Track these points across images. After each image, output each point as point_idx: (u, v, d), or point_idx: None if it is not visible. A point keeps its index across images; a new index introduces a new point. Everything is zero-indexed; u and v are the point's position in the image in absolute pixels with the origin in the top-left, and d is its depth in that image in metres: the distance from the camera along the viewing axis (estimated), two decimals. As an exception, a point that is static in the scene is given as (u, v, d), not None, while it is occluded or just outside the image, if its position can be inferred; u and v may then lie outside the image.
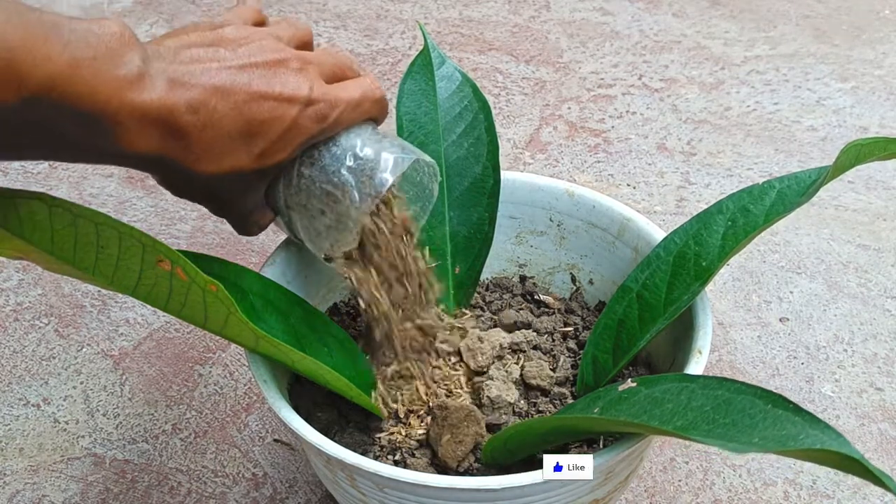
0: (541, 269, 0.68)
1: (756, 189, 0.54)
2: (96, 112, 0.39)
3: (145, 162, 0.43)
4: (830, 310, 0.79)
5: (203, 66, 0.44)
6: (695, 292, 0.53)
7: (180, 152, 0.44)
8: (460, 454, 0.52)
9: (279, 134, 0.46)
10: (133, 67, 0.40)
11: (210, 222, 0.89)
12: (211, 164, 0.45)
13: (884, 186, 0.93)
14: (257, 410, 0.71)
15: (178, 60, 0.43)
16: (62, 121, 0.39)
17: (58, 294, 0.82)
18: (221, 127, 0.44)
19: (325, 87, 0.48)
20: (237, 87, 0.44)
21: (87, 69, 0.38)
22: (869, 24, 1.20)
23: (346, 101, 0.49)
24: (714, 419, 0.42)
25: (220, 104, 0.44)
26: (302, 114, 0.47)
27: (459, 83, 0.63)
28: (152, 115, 0.41)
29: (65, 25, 0.38)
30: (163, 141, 0.42)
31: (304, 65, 0.48)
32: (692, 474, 0.66)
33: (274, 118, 0.46)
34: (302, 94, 0.47)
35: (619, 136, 1.01)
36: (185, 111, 0.42)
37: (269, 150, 0.47)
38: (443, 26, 1.22)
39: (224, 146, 0.45)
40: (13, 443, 0.69)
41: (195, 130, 0.43)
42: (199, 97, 0.43)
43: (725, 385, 0.43)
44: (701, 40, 1.18)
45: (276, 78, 0.46)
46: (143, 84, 0.41)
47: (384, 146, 0.51)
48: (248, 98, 0.45)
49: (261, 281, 0.54)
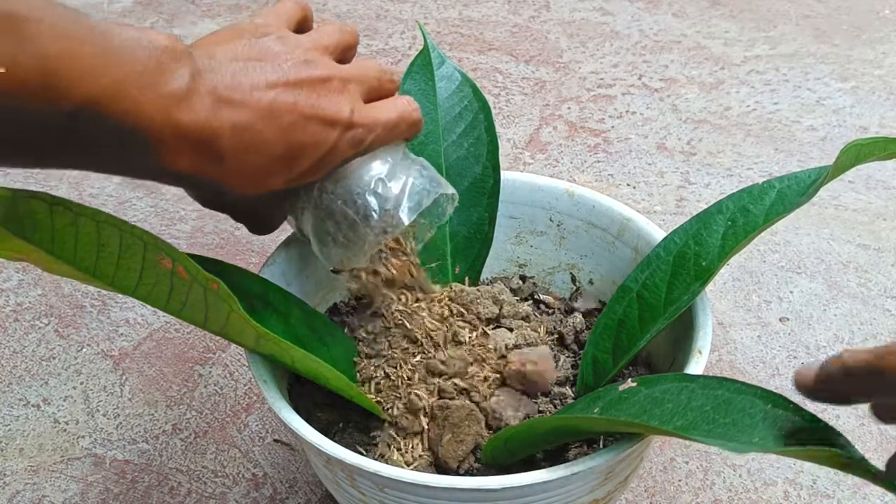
0: (541, 269, 0.68)
1: (756, 189, 0.54)
2: (140, 129, 0.38)
3: (180, 179, 0.43)
4: (830, 310, 0.79)
5: (251, 81, 0.43)
6: (695, 292, 0.53)
7: (218, 173, 0.43)
8: (461, 454, 0.52)
9: (319, 157, 0.46)
10: (182, 84, 0.39)
11: (210, 222, 0.89)
12: (248, 187, 0.44)
13: (884, 186, 0.93)
14: (257, 410, 0.71)
15: (227, 73, 0.42)
16: (103, 135, 0.38)
17: (58, 294, 0.82)
18: (264, 151, 0.43)
19: (365, 110, 0.47)
20: (284, 108, 0.43)
21: (133, 85, 0.37)
22: (869, 24, 1.20)
23: (382, 125, 0.48)
24: (714, 419, 0.42)
25: (265, 128, 0.43)
26: (341, 138, 0.46)
27: (459, 83, 0.63)
28: (195, 136, 0.40)
29: (115, 36, 0.38)
30: (201, 161, 0.42)
31: (345, 84, 0.46)
32: (692, 474, 0.66)
33: (316, 142, 0.45)
34: (343, 117, 0.45)
35: (619, 135, 1.01)
36: (229, 134, 0.42)
37: (305, 173, 0.46)
38: (442, 26, 1.22)
39: (264, 169, 0.44)
40: (13, 443, 0.69)
41: (236, 153, 0.42)
42: (246, 119, 0.42)
43: (725, 385, 0.43)
44: (701, 40, 1.18)
45: (321, 99, 0.45)
46: (191, 103, 0.40)
47: (412, 176, 0.50)
48: (293, 121, 0.44)
49: (260, 282, 0.54)
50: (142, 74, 0.38)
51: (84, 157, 0.39)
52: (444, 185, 0.52)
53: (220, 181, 0.43)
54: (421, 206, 0.50)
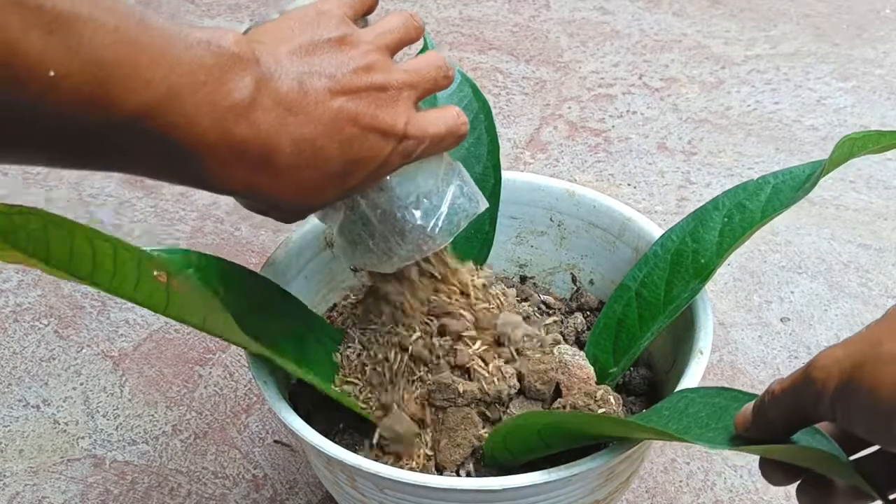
0: (541, 269, 0.67)
1: (752, 185, 0.54)
2: (188, 144, 0.36)
3: (232, 193, 0.41)
4: (831, 310, 0.79)
5: (315, 90, 0.40)
6: (694, 290, 0.53)
7: (271, 188, 0.40)
8: (458, 458, 0.51)
9: (372, 170, 0.43)
10: (245, 93, 0.37)
11: (210, 223, 0.89)
12: (301, 200, 0.42)
13: (885, 186, 0.92)
14: (257, 411, 0.71)
15: (293, 80, 0.40)
16: (151, 146, 0.36)
17: (57, 295, 0.82)
18: (323, 168, 0.41)
19: (416, 120, 0.44)
20: (346, 121, 0.41)
21: (189, 96, 0.35)
22: (870, 23, 1.20)
23: (431, 137, 0.45)
24: (707, 424, 0.42)
25: (327, 142, 0.40)
26: (394, 151, 0.43)
27: (459, 83, 0.63)
28: (253, 151, 0.38)
29: (181, 40, 0.35)
30: (255, 176, 0.39)
31: (401, 92, 0.44)
32: (693, 475, 0.66)
33: (372, 155, 0.43)
34: (399, 129, 0.43)
35: (620, 135, 1.01)
36: (289, 150, 0.39)
37: (357, 186, 0.44)
38: (442, 25, 1.21)
39: (319, 184, 0.42)
40: (13, 444, 0.69)
41: (295, 169, 0.40)
42: (308, 134, 0.40)
43: (723, 394, 0.43)
44: (701, 39, 1.17)
45: (380, 109, 0.42)
46: (253, 116, 0.38)
47: (453, 193, 0.49)
48: (354, 134, 0.41)
49: (260, 285, 0.54)
50: (204, 83, 0.36)
51: (131, 166, 0.38)
52: (481, 203, 0.51)
53: (270, 193, 0.41)
54: (459, 228, 0.49)
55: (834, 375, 0.34)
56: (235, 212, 0.90)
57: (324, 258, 0.63)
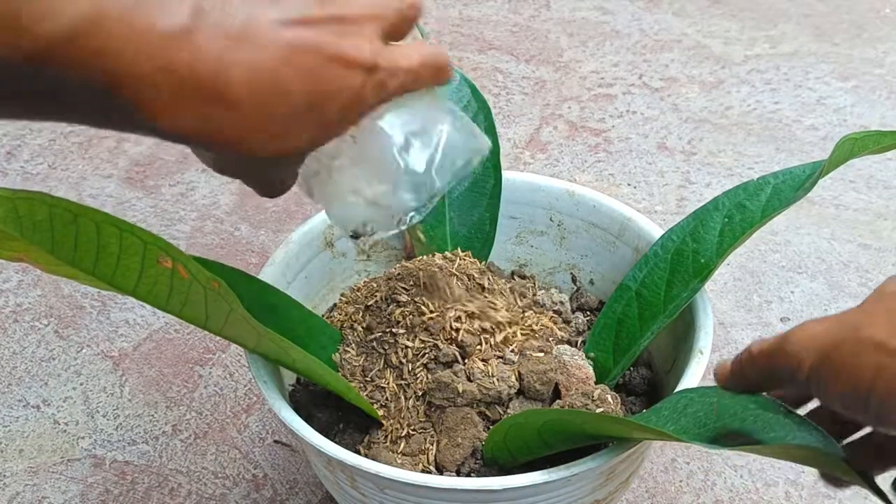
0: (541, 269, 0.67)
1: (752, 185, 0.54)
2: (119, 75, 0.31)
3: (184, 139, 0.36)
4: (831, 309, 0.79)
5: (267, 17, 0.35)
6: (694, 289, 0.53)
7: (228, 131, 0.35)
8: (458, 458, 0.51)
9: (345, 104, 0.38)
10: (184, 18, 0.33)
11: (210, 223, 0.89)
12: (270, 145, 0.37)
13: (885, 186, 0.92)
14: (257, 411, 0.71)
15: (238, 9, 0.35)
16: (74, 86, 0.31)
17: (57, 295, 0.82)
18: (286, 101, 0.36)
19: (386, 52, 0.40)
20: (304, 50, 0.36)
21: (116, 21, 0.31)
22: (870, 23, 1.20)
23: (405, 70, 0.41)
24: (705, 423, 0.42)
25: (285, 72, 0.35)
26: (365, 83, 0.39)
27: (458, 84, 0.63)
28: (199, 83, 0.33)
29: None
30: (206, 112, 0.34)
31: (360, 21, 0.39)
32: (693, 475, 0.66)
33: (340, 88, 0.38)
34: (365, 58, 0.38)
35: (620, 135, 1.01)
36: (242, 79, 0.34)
37: (332, 125, 0.39)
38: (442, 25, 1.21)
39: (287, 122, 0.37)
40: (13, 444, 0.69)
41: (255, 103, 0.35)
42: (263, 63, 0.35)
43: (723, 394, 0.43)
44: (701, 39, 1.17)
45: (341, 38, 0.37)
46: (195, 42, 0.33)
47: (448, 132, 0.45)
48: (316, 63, 0.36)
49: (260, 285, 0.54)
50: (135, 6, 0.31)
51: (64, 111, 0.33)
52: (481, 140, 0.47)
53: (228, 140, 0.36)
54: (457, 167, 0.46)
55: (811, 353, 0.36)
56: (235, 212, 0.90)
57: (324, 258, 0.63)
